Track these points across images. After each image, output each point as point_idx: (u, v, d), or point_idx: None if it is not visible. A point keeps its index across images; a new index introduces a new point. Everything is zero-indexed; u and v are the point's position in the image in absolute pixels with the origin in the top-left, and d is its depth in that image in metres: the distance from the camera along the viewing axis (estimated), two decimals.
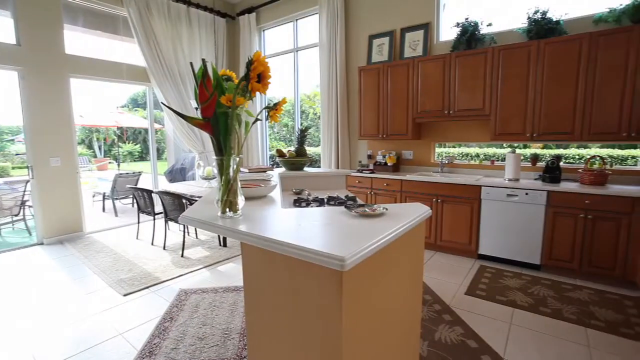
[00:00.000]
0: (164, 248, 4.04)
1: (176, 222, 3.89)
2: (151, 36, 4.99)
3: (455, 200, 3.64)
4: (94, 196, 6.78)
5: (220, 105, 1.30)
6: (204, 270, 3.44)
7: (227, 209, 1.40)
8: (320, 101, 5.12)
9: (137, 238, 4.48)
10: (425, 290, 2.91)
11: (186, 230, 4.34)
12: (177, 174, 6.64)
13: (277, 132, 7.50)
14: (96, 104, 14.06)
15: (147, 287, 3.05)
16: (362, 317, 1.12)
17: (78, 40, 4.72)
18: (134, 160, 16.24)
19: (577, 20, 3.31)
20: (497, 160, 4.04)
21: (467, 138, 4.10)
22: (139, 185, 5.81)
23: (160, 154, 11.89)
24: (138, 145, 16.51)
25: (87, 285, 3.12)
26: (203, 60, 1.31)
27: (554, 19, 3.32)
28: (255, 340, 1.40)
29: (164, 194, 3.88)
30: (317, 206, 1.91)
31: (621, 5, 3.03)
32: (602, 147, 4.44)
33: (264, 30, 6.06)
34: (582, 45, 3.07)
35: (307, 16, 5.40)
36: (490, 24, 3.72)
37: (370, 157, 4.83)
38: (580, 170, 3.28)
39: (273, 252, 1.15)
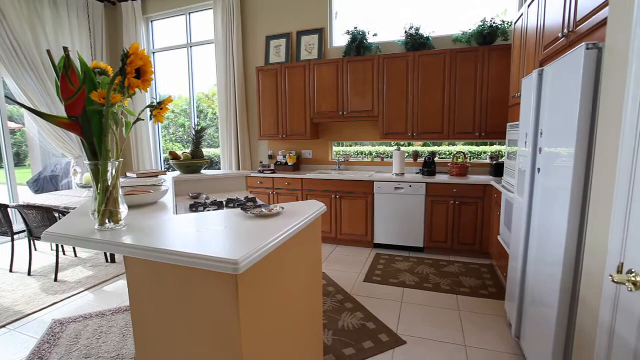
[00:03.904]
0: (29, 274, 3.35)
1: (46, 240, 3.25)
2: None
3: (351, 196, 3.94)
4: None
5: (91, 103, 1.15)
6: (86, 293, 2.97)
7: (107, 220, 1.24)
8: (218, 100, 4.92)
9: None
10: (328, 282, 3.07)
11: (61, 248, 3.66)
12: (45, 182, 5.54)
13: (173, 133, 6.90)
14: None
15: (3, 326, 2.48)
16: (262, 317, 1.13)
17: None
18: None
19: (442, 37, 3.93)
20: (386, 157, 4.51)
21: (361, 137, 4.47)
22: None
23: (21, 159, 9.77)
24: None
25: None
26: (65, 48, 1.13)
27: (425, 35, 3.86)
28: None
29: (26, 207, 3.20)
30: (215, 209, 1.84)
31: (470, 29, 3.71)
32: (464, 144, 5.36)
33: (152, 21, 5.51)
34: (445, 59, 3.66)
35: (200, 10, 5.11)
36: (375, 34, 4.12)
37: (271, 157, 4.86)
38: (449, 164, 3.90)
39: (160, 262, 1.07)
